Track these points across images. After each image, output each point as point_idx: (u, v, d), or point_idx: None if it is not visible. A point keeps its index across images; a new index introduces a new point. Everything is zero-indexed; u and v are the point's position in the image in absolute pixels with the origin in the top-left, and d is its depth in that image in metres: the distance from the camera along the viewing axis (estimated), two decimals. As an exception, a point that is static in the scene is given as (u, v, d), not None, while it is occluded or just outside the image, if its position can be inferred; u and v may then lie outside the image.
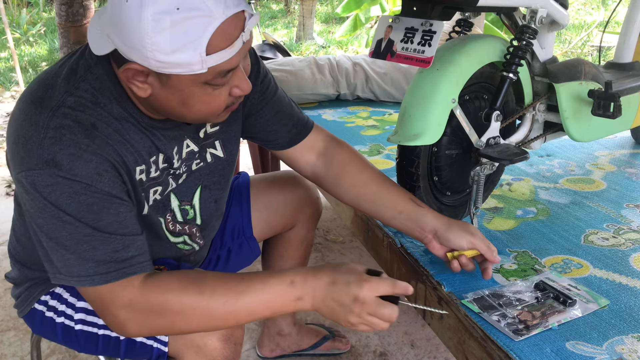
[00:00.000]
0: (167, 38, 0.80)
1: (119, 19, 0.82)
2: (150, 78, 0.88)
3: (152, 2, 0.79)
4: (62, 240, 0.88)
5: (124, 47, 0.84)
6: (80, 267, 0.89)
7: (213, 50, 0.83)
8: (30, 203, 0.88)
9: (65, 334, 1.11)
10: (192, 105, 0.91)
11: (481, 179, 1.25)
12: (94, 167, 0.88)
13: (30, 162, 0.86)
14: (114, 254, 0.89)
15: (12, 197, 2.97)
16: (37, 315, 1.13)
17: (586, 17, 7.68)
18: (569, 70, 1.34)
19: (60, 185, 0.85)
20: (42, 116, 0.87)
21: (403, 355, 1.77)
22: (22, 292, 1.14)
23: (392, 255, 1.35)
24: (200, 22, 0.81)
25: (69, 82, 0.91)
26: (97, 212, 0.88)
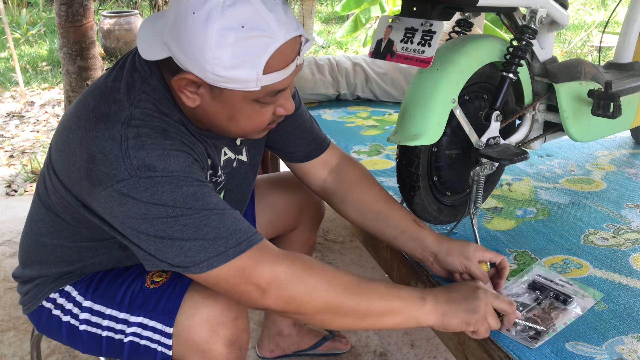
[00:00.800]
0: (228, 54, 0.83)
1: (182, 29, 0.84)
2: (201, 89, 0.90)
3: (219, 18, 0.82)
4: (177, 234, 0.87)
5: (183, 57, 0.86)
6: (207, 250, 0.88)
7: (269, 70, 0.86)
8: (127, 213, 0.88)
9: (70, 333, 1.11)
10: (238, 120, 0.94)
11: (481, 179, 1.25)
12: (183, 160, 0.90)
13: (119, 174, 0.86)
14: (236, 226, 0.90)
15: (12, 197, 2.97)
16: (44, 313, 1.13)
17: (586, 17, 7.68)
18: (569, 70, 1.34)
19: (160, 185, 0.87)
20: (115, 130, 0.88)
21: (403, 355, 1.77)
22: (31, 288, 1.14)
23: (392, 255, 1.35)
24: (262, 42, 0.84)
25: (129, 95, 0.92)
26: (202, 198, 0.89)
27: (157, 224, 0.87)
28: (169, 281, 1.06)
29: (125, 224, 0.90)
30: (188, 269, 0.90)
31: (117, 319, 1.07)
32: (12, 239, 2.47)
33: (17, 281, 1.18)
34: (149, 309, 1.05)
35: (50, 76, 5.52)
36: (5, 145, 3.77)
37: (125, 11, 6.41)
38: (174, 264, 0.90)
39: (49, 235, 1.08)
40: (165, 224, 0.87)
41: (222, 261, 0.89)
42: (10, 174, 3.28)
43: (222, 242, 0.89)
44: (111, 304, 1.08)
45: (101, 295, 1.09)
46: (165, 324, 1.03)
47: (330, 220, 2.59)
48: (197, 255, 0.88)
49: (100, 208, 0.91)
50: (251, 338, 1.82)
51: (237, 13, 0.82)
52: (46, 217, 1.07)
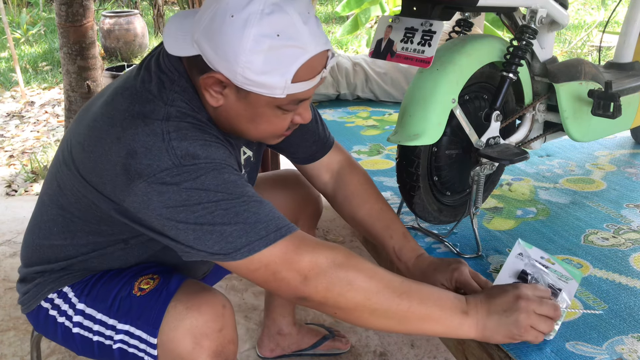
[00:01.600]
0: (261, 59, 0.86)
1: (218, 30, 0.86)
2: (227, 90, 0.92)
3: (257, 24, 0.84)
4: (218, 220, 0.88)
5: (215, 56, 0.88)
6: (248, 234, 0.89)
7: (297, 80, 0.89)
8: (165, 203, 0.88)
9: (65, 334, 1.11)
10: (259, 124, 0.97)
11: (481, 179, 1.25)
12: (223, 151, 0.93)
13: (162, 164, 0.88)
14: (274, 213, 0.92)
15: (12, 197, 2.97)
16: (42, 313, 1.13)
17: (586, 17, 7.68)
18: (569, 70, 1.34)
19: (203, 170, 0.88)
20: (155, 125, 0.90)
21: (403, 355, 1.77)
22: (31, 288, 1.13)
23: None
24: (294, 52, 0.87)
25: (162, 96, 0.94)
26: (241, 186, 0.91)
27: (197, 209, 0.88)
28: (154, 289, 1.05)
29: (163, 216, 0.89)
30: (228, 256, 0.89)
31: (106, 324, 1.06)
32: (12, 239, 2.47)
33: (18, 280, 1.18)
34: (135, 317, 1.03)
35: (50, 76, 5.52)
36: (5, 145, 3.77)
37: (125, 11, 6.41)
38: (213, 251, 0.90)
39: (60, 235, 1.08)
40: (206, 209, 0.88)
41: (263, 245, 0.89)
42: (10, 174, 3.28)
43: (262, 227, 0.89)
44: (101, 308, 1.07)
45: (94, 298, 1.08)
46: (149, 334, 1.01)
47: (330, 220, 2.59)
48: (238, 240, 0.88)
49: (135, 203, 0.91)
50: (251, 338, 1.83)
51: (275, 22, 0.85)
52: (58, 217, 1.07)
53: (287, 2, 0.87)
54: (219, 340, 1.00)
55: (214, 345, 0.99)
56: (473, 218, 1.28)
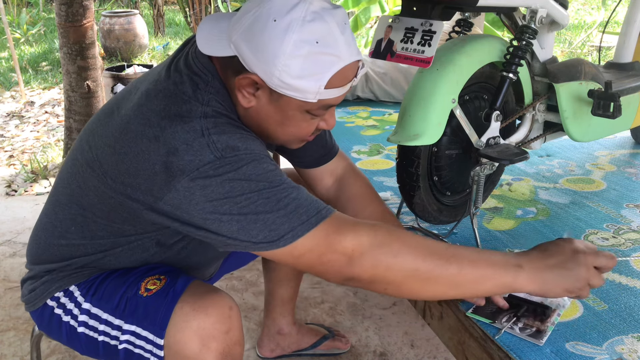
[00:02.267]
0: (299, 64, 0.89)
1: (259, 32, 0.89)
2: (260, 92, 0.95)
3: (298, 30, 0.88)
4: (261, 208, 0.90)
5: (253, 58, 0.91)
6: (291, 220, 0.90)
7: (330, 86, 0.93)
8: (208, 197, 0.90)
9: (70, 334, 1.11)
10: (287, 127, 1.00)
11: (481, 179, 1.25)
12: (259, 145, 0.96)
13: (204, 158, 0.90)
14: (311, 198, 0.94)
15: (12, 197, 2.97)
16: (47, 312, 1.13)
17: (586, 17, 7.68)
18: (569, 70, 1.34)
19: (244, 161, 0.91)
20: (194, 122, 0.92)
21: (403, 355, 1.77)
22: (38, 285, 1.13)
23: (392, 255, 1.35)
24: (330, 59, 0.90)
25: (197, 96, 0.96)
26: (280, 174, 0.94)
27: (240, 200, 0.90)
28: (162, 289, 1.05)
29: (206, 210, 0.91)
30: (273, 244, 0.91)
31: (112, 324, 1.06)
32: (12, 239, 2.47)
33: (24, 279, 1.18)
34: (141, 317, 1.04)
35: (50, 76, 5.52)
36: (5, 145, 3.78)
37: (125, 11, 6.41)
38: (257, 240, 0.91)
39: (78, 234, 1.08)
40: (249, 199, 0.90)
41: (305, 229, 0.91)
42: (10, 174, 3.28)
43: (303, 211, 0.91)
44: (107, 308, 1.07)
45: (99, 298, 1.08)
46: (156, 334, 1.01)
47: (330, 220, 2.59)
48: (281, 227, 0.90)
49: (176, 200, 0.92)
50: (251, 338, 1.83)
51: (315, 29, 0.89)
52: (78, 217, 1.07)
53: (327, 12, 0.90)
54: (225, 342, 1.00)
55: (220, 347, 0.99)
56: (473, 218, 1.28)
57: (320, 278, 1.09)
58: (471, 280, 0.93)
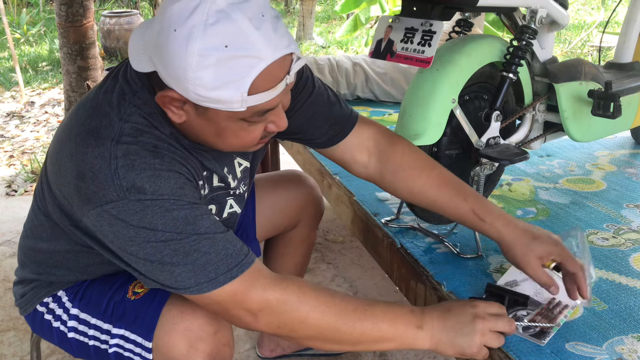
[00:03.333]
0: (210, 74, 0.79)
1: (164, 45, 0.81)
2: (187, 106, 0.87)
3: (200, 36, 0.77)
4: (167, 259, 0.86)
5: (166, 74, 0.83)
6: (197, 276, 0.87)
7: (255, 91, 0.82)
8: (117, 234, 0.87)
9: (61, 339, 1.10)
10: (225, 138, 0.91)
11: (481, 179, 1.25)
12: (174, 182, 0.87)
13: (108, 195, 0.84)
14: (227, 251, 0.89)
15: (12, 197, 2.97)
16: (38, 317, 1.13)
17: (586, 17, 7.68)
18: (569, 70, 1.34)
19: (150, 208, 0.85)
20: (105, 147, 0.86)
21: (403, 355, 1.77)
22: (27, 291, 1.13)
23: (392, 256, 1.35)
24: (247, 62, 0.79)
25: (119, 109, 0.90)
26: (193, 222, 0.87)
27: (146, 247, 0.86)
28: (149, 293, 1.04)
29: (115, 244, 0.89)
30: (178, 290, 0.90)
31: (101, 329, 1.06)
32: (12, 239, 2.47)
33: (15, 282, 1.18)
34: (129, 321, 1.03)
35: (50, 76, 5.52)
36: (5, 145, 3.77)
37: (125, 11, 6.41)
38: (165, 284, 0.90)
39: (48, 241, 1.07)
40: (155, 248, 0.86)
41: (212, 287, 0.88)
42: (10, 174, 3.28)
43: (212, 269, 0.88)
44: (96, 313, 1.07)
45: (87, 303, 1.08)
46: (144, 337, 1.01)
47: (330, 221, 2.59)
48: (187, 281, 0.88)
49: (90, 225, 0.90)
50: (251, 338, 1.82)
51: (220, 32, 0.78)
52: (45, 223, 1.06)
53: (235, 7, 0.79)
54: (214, 343, 0.99)
55: (209, 349, 0.99)
56: (473, 218, 1.27)
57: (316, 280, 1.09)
58: (373, 341, 0.95)
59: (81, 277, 1.11)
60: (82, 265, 1.09)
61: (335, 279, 2.14)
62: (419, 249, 1.30)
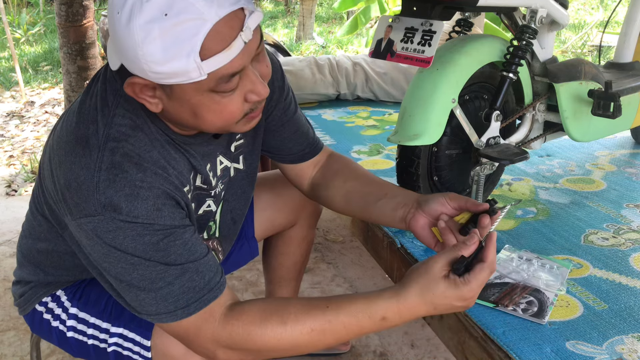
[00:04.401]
0: (158, 47, 0.76)
1: (114, 32, 0.79)
2: (158, 92, 0.85)
3: (139, 12, 0.75)
4: (134, 282, 0.87)
5: (125, 60, 0.81)
6: (158, 305, 0.88)
7: (208, 55, 0.78)
8: (93, 248, 0.88)
9: (60, 338, 1.11)
10: (203, 116, 0.86)
11: (481, 179, 1.25)
12: (152, 203, 0.86)
13: (87, 208, 0.84)
14: (191, 283, 0.88)
15: (12, 197, 2.97)
16: (37, 317, 1.13)
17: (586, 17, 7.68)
18: (569, 70, 1.34)
19: (123, 230, 0.84)
20: (92, 157, 0.85)
21: (403, 355, 1.77)
22: (26, 291, 1.14)
23: (392, 256, 1.35)
24: (191, 25, 0.76)
25: (104, 113, 0.89)
26: (164, 249, 0.86)
27: (117, 266, 0.87)
28: None
29: (92, 256, 0.90)
30: (142, 315, 0.91)
31: (100, 328, 1.06)
32: (12, 239, 2.47)
33: (14, 282, 1.18)
34: (128, 319, 1.04)
35: (50, 76, 5.52)
36: (5, 145, 3.77)
37: (125, 11, 6.40)
38: (131, 305, 0.92)
39: (46, 241, 1.08)
40: (124, 270, 0.87)
41: (170, 319, 0.89)
42: (10, 174, 3.28)
43: (172, 301, 0.88)
44: (94, 312, 1.07)
45: (86, 302, 1.09)
46: (143, 336, 1.02)
47: (330, 220, 2.59)
48: (149, 307, 0.89)
49: (74, 233, 0.92)
50: (251, 338, 1.82)
51: (158, 2, 0.75)
52: (43, 224, 1.06)
53: None
54: None
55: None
56: (473, 218, 1.27)
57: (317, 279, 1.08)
58: (335, 341, 0.91)
59: (79, 276, 1.11)
60: (80, 265, 1.09)
61: (335, 279, 2.14)
62: (419, 249, 1.30)
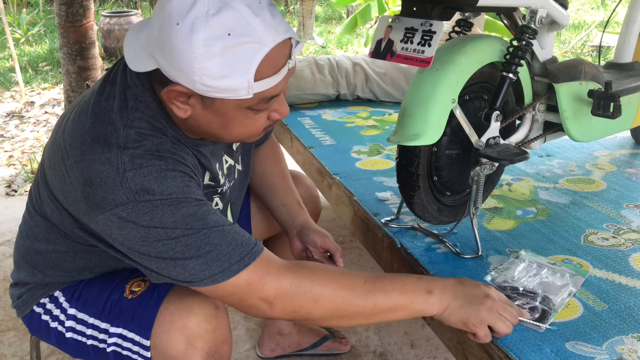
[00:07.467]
0: (217, 63, 0.81)
1: (167, 40, 0.82)
2: (192, 100, 0.89)
3: (203, 27, 0.80)
4: (179, 255, 0.88)
5: (170, 68, 0.84)
6: (211, 267, 0.89)
7: (260, 77, 0.84)
8: (126, 237, 0.88)
9: (59, 339, 1.11)
10: (232, 128, 0.93)
11: (481, 179, 1.25)
12: (180, 181, 0.90)
13: (117, 198, 0.86)
14: (237, 240, 0.91)
15: (12, 197, 2.97)
16: (35, 318, 1.13)
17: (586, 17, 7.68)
18: (569, 70, 1.34)
19: (160, 208, 0.87)
20: (112, 154, 0.88)
21: (403, 355, 1.77)
22: (24, 292, 1.14)
23: (392, 255, 1.35)
24: (250, 48, 0.82)
25: (122, 115, 0.91)
26: (202, 217, 0.90)
27: (158, 246, 0.88)
28: (146, 291, 1.05)
29: (126, 246, 0.90)
30: (193, 284, 0.91)
31: (99, 328, 1.06)
32: (12, 239, 2.47)
33: (12, 284, 1.18)
34: (127, 320, 1.04)
35: (50, 76, 5.52)
36: (5, 146, 3.77)
37: (125, 11, 6.41)
38: (179, 279, 0.91)
39: (44, 242, 1.08)
40: (166, 246, 0.88)
41: (226, 277, 0.90)
42: (10, 174, 3.28)
43: (225, 259, 0.89)
44: (93, 312, 1.07)
45: (84, 303, 1.09)
46: (142, 336, 1.02)
47: (330, 220, 2.59)
48: (201, 273, 0.89)
49: (98, 230, 0.92)
50: (251, 338, 1.82)
51: (222, 21, 0.80)
52: (41, 224, 1.07)
53: None
54: (212, 340, 1.00)
55: (207, 346, 0.99)
56: (473, 218, 1.28)
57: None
58: (386, 311, 0.96)
59: (77, 277, 1.11)
60: (79, 267, 1.09)
61: (335, 279, 2.14)
62: (419, 249, 1.30)
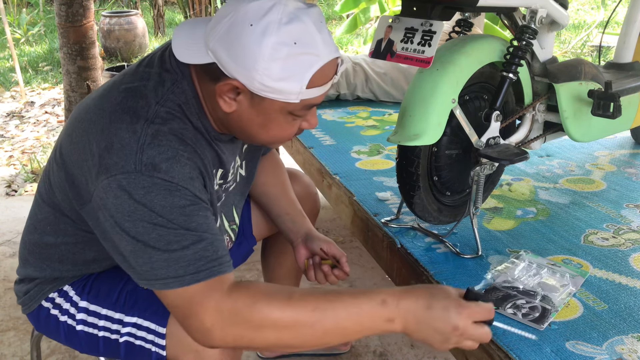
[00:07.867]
0: (279, 66, 0.88)
1: (237, 38, 0.89)
2: (241, 96, 0.94)
3: (275, 32, 0.87)
4: (151, 243, 0.89)
5: (232, 64, 0.90)
6: (168, 268, 0.89)
7: (311, 86, 0.92)
8: (117, 208, 0.89)
9: (68, 333, 1.11)
10: (270, 129, 0.99)
11: (481, 179, 1.25)
12: (188, 171, 0.92)
13: (126, 165, 0.88)
14: (204, 252, 0.91)
15: (12, 197, 2.97)
16: (43, 313, 1.13)
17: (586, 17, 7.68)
18: (569, 70, 1.34)
19: (157, 187, 0.89)
20: (139, 124, 0.91)
21: (403, 356, 1.77)
22: (31, 288, 1.14)
23: (392, 256, 1.35)
24: (310, 59, 0.90)
25: (157, 93, 0.95)
26: (189, 214, 0.91)
27: (138, 225, 0.89)
28: None
29: (114, 218, 0.90)
30: (147, 282, 0.91)
31: (112, 319, 1.07)
32: (12, 239, 2.47)
33: (20, 280, 1.18)
34: (143, 308, 1.05)
35: (50, 76, 5.52)
36: (5, 146, 3.77)
37: (125, 11, 6.41)
38: (138, 271, 0.91)
39: (53, 234, 1.08)
40: (145, 228, 0.88)
41: (176, 285, 0.89)
42: (10, 174, 3.28)
43: (183, 265, 0.89)
44: (106, 304, 1.08)
45: (96, 295, 1.09)
46: (158, 324, 1.03)
47: (330, 220, 2.59)
48: (159, 271, 0.89)
49: (98, 199, 0.92)
50: (251, 338, 1.83)
51: (292, 30, 0.88)
52: (50, 216, 1.07)
53: (303, 12, 0.90)
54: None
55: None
56: (473, 218, 1.28)
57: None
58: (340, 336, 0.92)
59: (86, 271, 1.12)
60: (88, 259, 1.10)
61: (335, 279, 2.14)
62: (419, 249, 1.30)
